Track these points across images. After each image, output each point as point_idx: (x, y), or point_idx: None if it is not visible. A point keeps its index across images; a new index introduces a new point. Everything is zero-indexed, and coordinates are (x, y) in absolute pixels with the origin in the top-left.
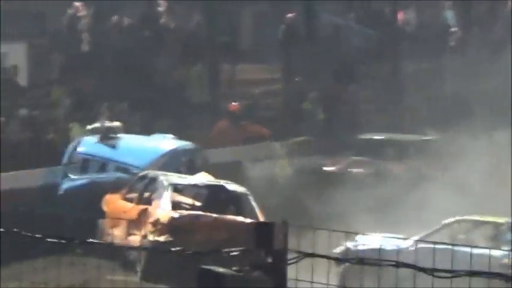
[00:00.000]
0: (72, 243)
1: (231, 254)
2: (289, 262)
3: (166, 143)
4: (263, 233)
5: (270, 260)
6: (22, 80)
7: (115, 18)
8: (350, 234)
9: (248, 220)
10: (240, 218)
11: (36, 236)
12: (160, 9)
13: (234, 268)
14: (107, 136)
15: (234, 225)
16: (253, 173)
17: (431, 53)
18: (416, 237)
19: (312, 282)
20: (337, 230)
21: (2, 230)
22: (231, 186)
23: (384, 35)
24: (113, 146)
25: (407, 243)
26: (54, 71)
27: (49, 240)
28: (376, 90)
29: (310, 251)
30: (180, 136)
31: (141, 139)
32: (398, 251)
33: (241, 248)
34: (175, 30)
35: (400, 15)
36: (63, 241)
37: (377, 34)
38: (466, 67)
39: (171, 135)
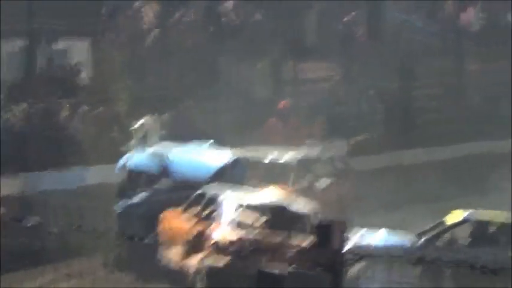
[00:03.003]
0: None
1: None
2: (348, 262)
3: (219, 155)
4: (323, 233)
5: (329, 259)
6: (84, 78)
7: (179, 14)
8: None
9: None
10: (304, 240)
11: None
12: (226, 5)
13: (291, 267)
14: (153, 153)
15: (299, 248)
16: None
17: (495, 54)
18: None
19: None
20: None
21: None
22: (296, 205)
23: (447, 33)
24: (165, 160)
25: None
26: (117, 68)
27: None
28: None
29: None
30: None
31: (194, 151)
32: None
33: (299, 248)
34: (240, 27)
35: (464, 15)
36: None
37: (441, 32)
38: None
39: (208, 142)
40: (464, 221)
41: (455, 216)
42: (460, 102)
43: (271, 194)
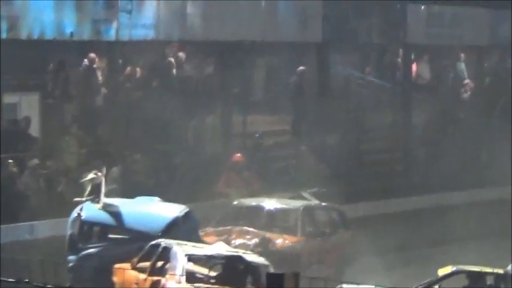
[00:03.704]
0: None
1: None
2: None
3: (172, 207)
4: (274, 284)
5: None
6: (34, 130)
7: (128, 69)
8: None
9: None
10: None
11: None
12: (172, 59)
13: None
14: (105, 204)
15: None
16: None
17: (444, 104)
18: None
19: None
20: (349, 282)
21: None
22: (250, 256)
23: (397, 86)
24: (118, 212)
25: None
26: (67, 121)
27: None
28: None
29: None
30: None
31: (145, 204)
32: None
33: None
34: (188, 80)
35: (414, 67)
36: None
37: (390, 86)
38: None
39: (157, 198)
40: (452, 273)
41: (444, 271)
42: (409, 155)
43: (222, 247)
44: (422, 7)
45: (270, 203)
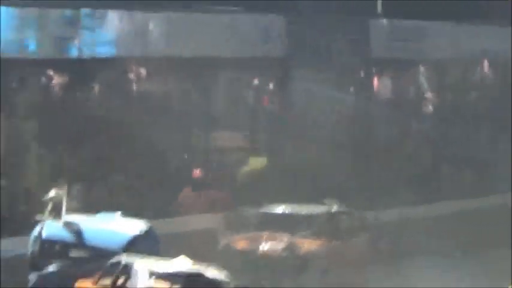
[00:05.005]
0: None
1: None
2: None
3: (132, 224)
4: None
5: None
6: None
7: (87, 86)
8: None
9: None
10: None
11: None
12: (132, 76)
13: None
14: (66, 222)
15: None
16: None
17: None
18: None
19: None
20: None
21: None
22: (211, 272)
23: (359, 99)
24: (79, 230)
25: None
26: (28, 139)
27: None
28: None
29: None
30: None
31: (107, 220)
32: None
33: None
34: (150, 96)
35: (376, 80)
36: None
37: (352, 99)
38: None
39: (118, 213)
40: None
41: None
42: (373, 171)
43: (184, 262)
44: (385, 21)
45: (294, 209)
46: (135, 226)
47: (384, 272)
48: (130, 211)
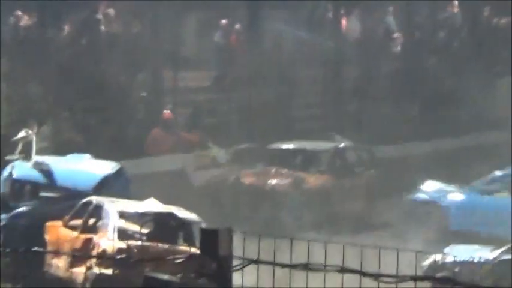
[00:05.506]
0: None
1: (176, 261)
2: (234, 269)
3: (103, 165)
4: (208, 240)
5: (215, 266)
6: None
7: (56, 26)
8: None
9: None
10: (191, 248)
11: None
12: (101, 16)
13: (179, 275)
14: (37, 163)
15: (186, 255)
16: (195, 181)
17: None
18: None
19: None
20: (283, 237)
21: None
22: (182, 213)
23: (327, 40)
24: (49, 170)
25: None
26: None
27: None
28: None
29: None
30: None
31: (77, 162)
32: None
33: (186, 255)
34: (118, 37)
35: (344, 21)
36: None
37: (320, 40)
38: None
39: (88, 155)
40: None
41: None
42: (339, 109)
43: (154, 203)
44: None
45: (303, 145)
46: (106, 167)
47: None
48: (99, 152)
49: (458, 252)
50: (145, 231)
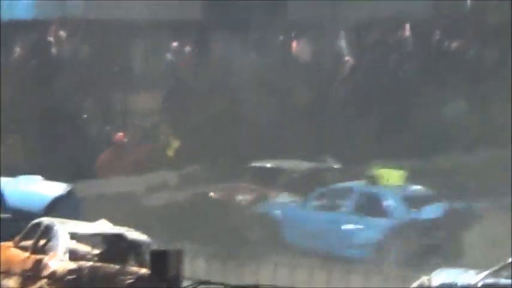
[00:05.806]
0: None
1: (127, 282)
2: None
3: (53, 186)
4: (157, 261)
5: (164, 287)
6: None
7: (6, 49)
8: None
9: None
10: (141, 269)
11: None
12: (51, 39)
13: None
14: None
15: (136, 276)
16: (146, 203)
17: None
18: (484, 273)
19: None
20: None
21: None
22: (132, 234)
23: (277, 64)
24: (0, 191)
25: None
26: None
27: None
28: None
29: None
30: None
31: (28, 183)
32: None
33: (136, 276)
34: (68, 61)
35: (294, 44)
36: None
37: (271, 63)
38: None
39: (39, 177)
40: None
41: None
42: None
43: (105, 225)
44: None
45: (276, 164)
46: (57, 188)
47: None
48: (50, 173)
49: (446, 276)
50: (96, 252)
